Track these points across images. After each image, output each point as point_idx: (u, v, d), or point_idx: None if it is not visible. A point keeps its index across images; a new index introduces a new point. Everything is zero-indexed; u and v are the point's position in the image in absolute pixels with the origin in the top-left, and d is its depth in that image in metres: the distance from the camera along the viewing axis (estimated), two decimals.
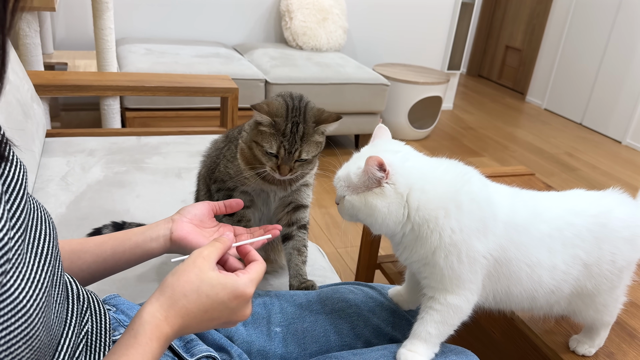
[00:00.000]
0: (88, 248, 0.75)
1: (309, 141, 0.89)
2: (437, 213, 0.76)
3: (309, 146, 0.89)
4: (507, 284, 0.83)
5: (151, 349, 0.53)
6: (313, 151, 0.90)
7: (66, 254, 0.73)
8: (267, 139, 0.87)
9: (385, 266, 1.81)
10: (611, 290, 0.90)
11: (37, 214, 0.55)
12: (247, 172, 0.93)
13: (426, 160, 0.84)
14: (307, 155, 0.89)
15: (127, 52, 2.74)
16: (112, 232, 1.16)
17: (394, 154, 0.81)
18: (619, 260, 0.87)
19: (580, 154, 3.63)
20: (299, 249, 0.99)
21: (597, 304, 0.91)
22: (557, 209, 0.87)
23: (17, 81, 1.37)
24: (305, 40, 3.30)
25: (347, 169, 0.80)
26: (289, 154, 0.87)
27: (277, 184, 0.96)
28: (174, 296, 0.55)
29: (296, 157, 0.88)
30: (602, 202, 0.90)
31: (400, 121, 3.44)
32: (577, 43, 4.30)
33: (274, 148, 0.87)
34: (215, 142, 1.12)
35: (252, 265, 0.62)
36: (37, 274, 0.50)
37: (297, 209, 1.02)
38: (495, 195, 0.83)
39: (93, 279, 0.76)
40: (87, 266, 0.75)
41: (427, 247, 0.77)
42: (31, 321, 0.47)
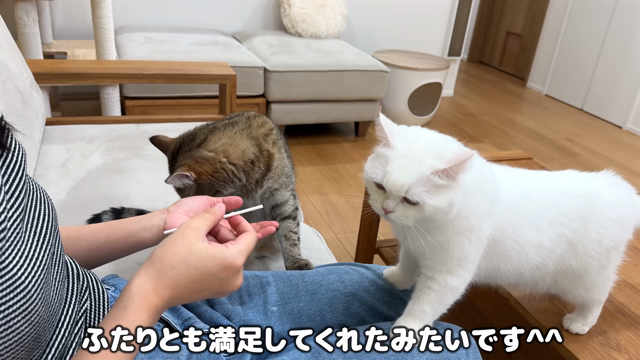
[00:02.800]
0: (83, 235, 0.76)
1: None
2: (466, 199, 0.74)
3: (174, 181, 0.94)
4: (497, 262, 0.85)
5: (140, 320, 0.54)
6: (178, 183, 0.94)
7: (62, 241, 0.74)
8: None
9: (383, 250, 1.83)
10: (599, 270, 0.92)
11: (37, 195, 0.57)
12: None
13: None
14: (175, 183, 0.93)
15: (126, 41, 2.74)
16: (111, 220, 1.18)
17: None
18: (606, 241, 0.88)
19: (581, 139, 3.63)
20: (285, 235, 1.04)
21: (585, 283, 0.93)
22: (547, 188, 0.88)
23: (15, 70, 1.38)
24: (304, 27, 3.29)
25: (418, 172, 0.69)
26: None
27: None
28: (162, 268, 0.56)
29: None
30: (592, 183, 0.91)
31: (400, 108, 3.43)
32: (578, 28, 4.27)
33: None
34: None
35: (242, 236, 0.62)
36: (36, 252, 0.52)
37: (275, 207, 1.06)
38: (497, 176, 0.84)
39: (87, 265, 0.77)
40: (82, 253, 0.75)
41: (448, 233, 0.76)
42: (30, 297, 0.49)
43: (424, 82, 3.36)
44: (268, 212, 1.07)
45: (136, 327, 0.54)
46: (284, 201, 1.07)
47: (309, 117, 2.97)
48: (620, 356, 1.00)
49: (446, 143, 0.75)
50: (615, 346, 1.02)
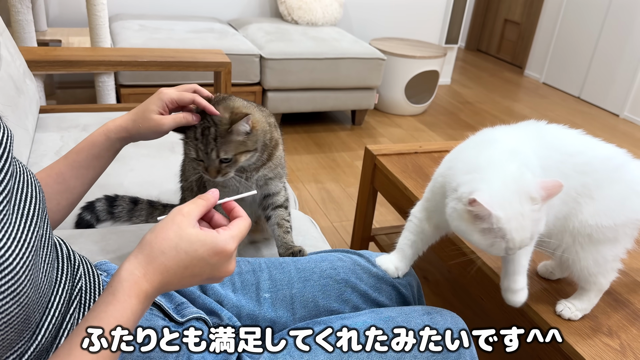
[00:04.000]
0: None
1: (226, 141, 0.88)
2: None
3: (227, 146, 0.88)
4: None
5: (130, 305, 0.53)
6: (232, 150, 0.89)
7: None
8: (188, 147, 0.91)
9: (379, 238, 1.84)
10: (612, 244, 0.93)
11: (24, 177, 0.57)
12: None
13: None
14: (226, 155, 0.89)
15: (121, 28, 2.72)
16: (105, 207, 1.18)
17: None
18: (627, 210, 0.91)
19: (578, 127, 3.62)
20: (278, 223, 1.06)
21: (595, 255, 0.94)
22: (570, 141, 0.95)
23: (8, 57, 1.37)
24: (300, 15, 3.27)
25: (530, 223, 0.79)
26: (206, 154, 0.89)
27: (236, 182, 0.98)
28: (152, 253, 0.56)
29: (215, 158, 0.89)
30: (617, 150, 0.96)
31: (396, 96, 3.43)
32: (576, 17, 4.26)
33: (192, 153, 0.90)
34: None
35: (235, 222, 0.62)
36: (24, 234, 0.52)
37: (267, 197, 1.07)
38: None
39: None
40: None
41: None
42: (18, 278, 0.49)
43: (421, 70, 3.35)
44: (260, 201, 1.08)
45: (134, 325, 0.54)
46: (277, 191, 1.07)
47: (306, 106, 2.96)
48: (612, 341, 1.01)
49: (526, 180, 0.80)
50: (606, 332, 1.03)
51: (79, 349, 0.51)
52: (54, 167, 0.82)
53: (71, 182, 0.82)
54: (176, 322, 0.75)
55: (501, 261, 0.98)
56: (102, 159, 0.84)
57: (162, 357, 0.69)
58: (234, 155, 0.90)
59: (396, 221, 2.23)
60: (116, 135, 0.83)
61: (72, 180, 0.82)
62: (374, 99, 3.16)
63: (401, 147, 1.73)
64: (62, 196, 0.81)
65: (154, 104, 0.84)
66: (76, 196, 0.84)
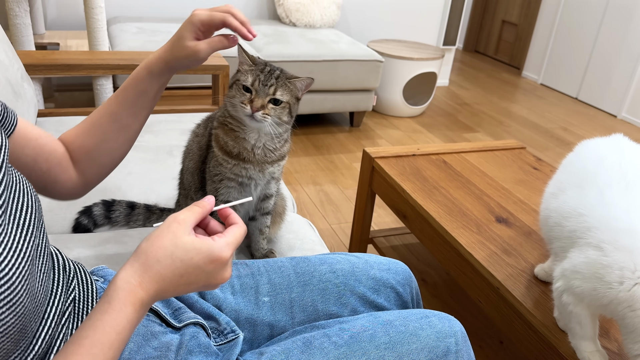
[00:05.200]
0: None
1: (284, 85, 0.91)
2: None
3: (283, 89, 0.91)
4: None
5: (125, 314, 0.53)
6: (287, 96, 0.92)
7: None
8: (244, 75, 0.91)
9: (377, 240, 1.84)
10: None
11: (19, 186, 0.57)
12: (220, 156, 0.97)
13: None
14: (281, 97, 0.90)
15: (119, 31, 2.72)
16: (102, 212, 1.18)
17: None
18: None
19: (575, 129, 3.63)
20: (260, 229, 1.10)
21: None
22: None
23: (6, 61, 1.37)
24: (298, 17, 3.27)
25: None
26: (264, 86, 0.89)
27: (253, 160, 0.97)
28: (148, 262, 0.55)
29: (270, 93, 0.89)
30: None
31: (395, 98, 3.43)
32: (573, 17, 4.27)
33: (249, 80, 0.89)
34: (194, 133, 1.11)
35: (231, 229, 0.62)
36: (20, 243, 0.52)
37: (264, 199, 1.08)
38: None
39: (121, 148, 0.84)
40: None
41: None
42: (14, 288, 0.49)
43: (419, 71, 3.36)
44: (256, 204, 1.09)
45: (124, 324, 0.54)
46: (272, 194, 1.08)
47: (304, 108, 2.96)
48: (609, 344, 1.01)
49: None
50: (604, 334, 1.03)
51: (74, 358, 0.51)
52: (107, 108, 0.82)
53: (125, 120, 0.83)
54: (173, 327, 0.75)
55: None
56: (148, 94, 0.83)
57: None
58: (285, 101, 0.91)
59: (394, 223, 2.23)
60: (157, 68, 0.81)
61: (125, 118, 0.83)
62: (372, 101, 3.16)
63: (399, 149, 1.73)
64: (119, 134, 0.83)
65: (187, 30, 0.79)
66: (132, 134, 0.85)
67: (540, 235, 1.33)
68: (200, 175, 1.05)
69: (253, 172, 0.98)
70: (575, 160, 1.03)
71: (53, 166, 0.78)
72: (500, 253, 1.25)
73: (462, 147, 1.80)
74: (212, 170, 0.99)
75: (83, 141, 0.82)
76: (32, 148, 0.73)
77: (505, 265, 1.21)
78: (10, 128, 0.68)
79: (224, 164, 0.97)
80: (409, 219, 1.52)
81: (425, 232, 1.44)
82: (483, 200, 1.48)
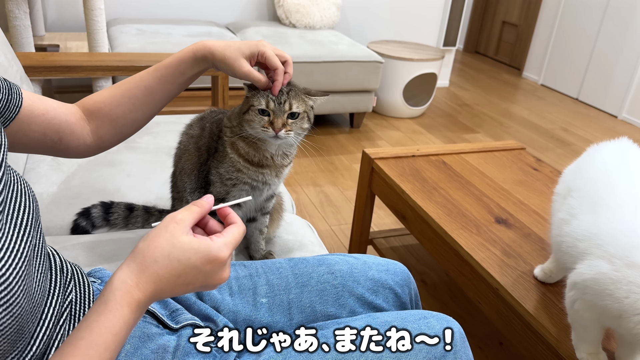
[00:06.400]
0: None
1: (297, 96, 0.92)
2: None
3: (298, 101, 0.92)
4: None
5: (122, 315, 0.53)
6: (302, 106, 0.93)
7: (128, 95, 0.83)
8: (257, 98, 0.91)
9: (377, 242, 1.84)
10: None
11: (17, 187, 0.57)
12: (240, 163, 0.98)
13: None
14: (297, 108, 0.92)
15: (119, 33, 2.72)
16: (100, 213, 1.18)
17: None
18: None
19: (576, 129, 3.63)
20: (260, 230, 1.11)
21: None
22: None
23: (5, 63, 1.37)
24: (298, 18, 3.27)
25: None
26: (279, 104, 0.90)
27: (271, 166, 0.99)
28: (145, 262, 0.55)
29: (287, 109, 0.91)
30: None
31: (395, 99, 3.43)
32: (574, 18, 4.26)
33: (263, 103, 0.90)
34: (188, 134, 1.10)
35: (229, 229, 0.61)
36: (17, 244, 0.52)
37: (268, 199, 1.09)
38: None
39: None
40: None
41: None
42: (11, 289, 0.49)
43: (419, 72, 3.35)
44: (261, 203, 1.09)
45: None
46: (273, 195, 1.08)
47: None
48: (609, 345, 1.00)
49: None
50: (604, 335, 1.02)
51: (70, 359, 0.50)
52: (143, 79, 0.84)
53: (157, 95, 0.85)
54: (170, 329, 0.74)
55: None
56: (185, 76, 0.86)
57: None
58: (302, 111, 0.93)
59: (394, 224, 2.23)
60: (202, 55, 0.84)
61: (158, 93, 0.85)
62: (372, 102, 3.16)
63: (398, 150, 1.73)
64: (147, 107, 0.85)
65: (249, 49, 0.86)
66: (159, 107, 0.88)
67: (540, 236, 1.33)
68: (199, 176, 1.05)
69: (269, 177, 1.00)
70: (584, 186, 1.01)
71: (65, 135, 0.78)
72: (499, 254, 1.25)
73: (462, 148, 1.80)
74: (226, 175, 1.00)
75: (111, 109, 0.83)
76: (39, 124, 0.74)
77: (504, 266, 1.21)
78: (15, 109, 0.68)
79: (244, 170, 0.98)
80: (408, 220, 1.51)
81: (425, 233, 1.43)
82: (483, 201, 1.48)
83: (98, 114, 0.83)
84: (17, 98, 0.68)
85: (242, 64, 0.85)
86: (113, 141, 0.87)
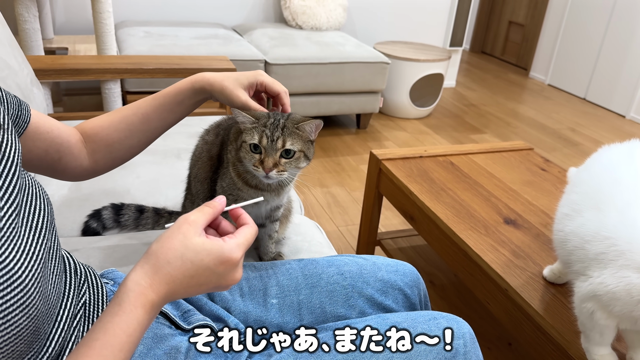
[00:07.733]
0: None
1: (292, 133, 0.85)
2: None
3: (293, 138, 0.85)
4: None
5: (136, 316, 0.53)
6: (298, 144, 0.86)
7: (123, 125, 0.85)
8: (249, 134, 0.86)
9: (385, 242, 1.84)
10: None
11: (32, 190, 0.58)
12: (240, 183, 0.96)
13: None
14: (292, 146, 0.85)
15: (127, 36, 2.74)
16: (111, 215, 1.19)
17: None
18: None
19: (583, 129, 3.61)
20: (269, 234, 1.11)
21: None
22: None
23: (16, 66, 1.38)
24: (304, 20, 3.28)
25: None
26: (271, 141, 0.84)
27: (269, 190, 0.95)
28: (158, 263, 0.56)
29: (279, 147, 0.84)
30: None
31: (401, 100, 3.43)
32: (580, 17, 4.25)
33: (255, 138, 0.84)
34: (204, 139, 1.09)
35: (241, 230, 0.62)
36: (32, 246, 0.53)
37: (275, 209, 1.07)
38: None
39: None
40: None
41: None
42: (27, 290, 0.50)
43: (426, 73, 3.35)
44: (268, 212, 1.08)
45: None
46: (282, 205, 1.08)
47: (310, 110, 2.97)
48: (618, 344, 1.00)
49: None
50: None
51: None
52: (141, 107, 0.86)
53: (154, 124, 0.86)
54: (182, 329, 0.75)
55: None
56: (183, 105, 0.88)
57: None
58: (298, 149, 0.86)
59: (402, 225, 2.23)
60: (200, 86, 0.86)
61: (155, 122, 0.86)
62: (379, 103, 3.16)
63: (406, 151, 1.73)
64: (143, 134, 0.87)
65: (247, 79, 0.88)
66: (156, 135, 0.89)
67: (549, 237, 1.32)
68: (211, 185, 1.05)
69: (269, 197, 0.98)
70: (588, 180, 0.99)
71: (64, 155, 0.79)
72: (508, 255, 1.25)
73: (470, 148, 1.80)
74: (228, 190, 0.97)
75: (108, 134, 0.84)
76: (43, 140, 0.75)
77: (513, 267, 1.20)
78: (24, 125, 0.69)
79: (243, 189, 0.95)
80: (416, 220, 1.51)
81: (433, 234, 1.43)
82: (491, 202, 1.47)
83: (95, 138, 0.84)
84: (26, 114, 0.69)
85: (239, 93, 0.86)
86: (107, 166, 0.87)
